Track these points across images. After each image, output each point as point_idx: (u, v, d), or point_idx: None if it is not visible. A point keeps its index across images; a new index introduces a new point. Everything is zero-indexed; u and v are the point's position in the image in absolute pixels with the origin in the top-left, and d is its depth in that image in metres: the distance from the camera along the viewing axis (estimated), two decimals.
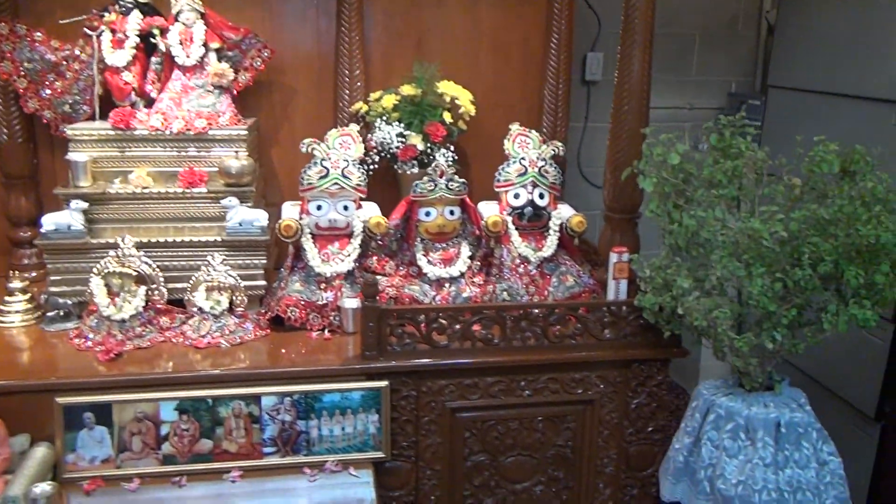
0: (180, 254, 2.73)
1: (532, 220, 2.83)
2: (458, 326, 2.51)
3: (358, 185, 2.74)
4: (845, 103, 3.16)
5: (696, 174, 2.31)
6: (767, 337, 2.15)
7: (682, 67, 3.92)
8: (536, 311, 2.54)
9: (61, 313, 2.69)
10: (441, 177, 2.75)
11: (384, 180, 3.18)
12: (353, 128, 2.82)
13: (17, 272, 2.81)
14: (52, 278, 2.70)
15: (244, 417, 2.41)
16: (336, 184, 2.70)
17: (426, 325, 2.49)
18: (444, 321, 2.50)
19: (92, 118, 2.86)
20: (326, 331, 2.67)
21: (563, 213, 2.88)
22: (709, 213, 2.19)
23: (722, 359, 2.33)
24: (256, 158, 3.11)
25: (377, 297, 2.46)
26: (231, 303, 2.67)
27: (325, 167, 2.70)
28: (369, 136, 3.03)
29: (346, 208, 2.74)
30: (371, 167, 3.02)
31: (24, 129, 2.95)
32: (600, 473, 2.70)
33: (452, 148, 3.02)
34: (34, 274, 2.99)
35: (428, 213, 2.79)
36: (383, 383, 2.46)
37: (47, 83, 2.82)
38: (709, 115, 3.90)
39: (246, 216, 2.70)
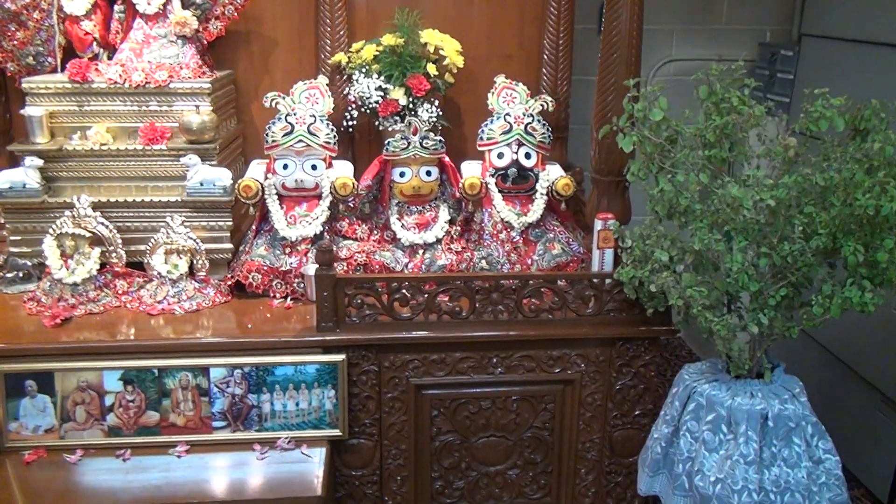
0: (142, 214, 2.59)
1: (517, 183, 2.59)
2: (422, 298, 2.30)
3: (326, 142, 2.54)
4: (886, 53, 2.79)
5: (683, 132, 2.03)
6: (752, 319, 1.88)
7: (710, 16, 3.58)
8: (508, 282, 2.31)
9: (20, 275, 2.58)
10: (415, 134, 2.54)
11: (368, 138, 2.99)
12: (322, 80, 2.61)
13: None
14: (12, 238, 2.60)
15: (192, 389, 2.27)
16: (301, 141, 2.51)
17: (388, 295, 2.29)
18: (406, 292, 2.30)
19: (56, 71, 2.71)
20: (289, 299, 2.50)
21: (552, 174, 2.63)
22: (690, 176, 1.92)
23: (709, 340, 2.07)
24: (233, 113, 2.95)
25: (332, 265, 2.26)
26: (192, 267, 2.52)
27: (290, 123, 2.51)
28: (349, 89, 2.82)
29: (314, 168, 2.54)
30: (350, 123, 2.82)
31: None
32: (582, 458, 2.49)
33: (438, 103, 2.79)
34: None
35: (402, 174, 2.58)
36: (340, 357, 2.28)
37: (8, 34, 2.68)
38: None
39: (207, 175, 2.53)
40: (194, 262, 2.52)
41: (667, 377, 3.20)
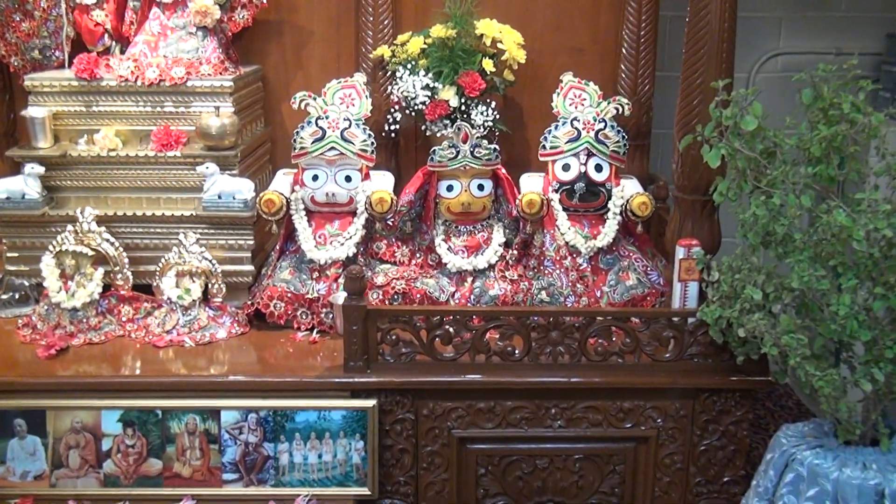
0: (152, 230, 2.62)
1: (585, 200, 2.54)
2: (468, 335, 2.26)
3: (362, 150, 2.53)
4: None
5: (782, 145, 1.94)
6: (865, 374, 1.77)
7: (827, 1, 3.44)
8: (570, 319, 2.25)
9: (17, 296, 2.63)
10: (465, 141, 2.50)
11: (415, 145, 2.98)
12: (359, 78, 2.60)
13: None
14: (9, 255, 2.65)
15: (200, 435, 2.26)
16: (333, 148, 2.50)
17: (427, 331, 2.25)
18: (450, 327, 2.26)
19: (63, 66, 2.77)
20: (315, 331, 2.49)
21: (628, 190, 2.57)
22: (790, 198, 1.83)
23: (813, 396, 1.97)
24: (261, 114, 2.97)
25: (363, 294, 2.24)
26: (207, 292, 2.53)
27: (321, 128, 2.52)
28: (392, 88, 2.81)
29: (348, 179, 2.54)
30: (393, 128, 2.81)
31: None
32: None
33: (495, 105, 2.76)
34: None
35: (450, 188, 2.55)
36: (370, 402, 2.25)
37: (13, 24, 2.75)
38: (864, 64, 3.42)
39: (226, 187, 2.55)
40: (209, 286, 2.53)
41: (769, 433, 3.08)
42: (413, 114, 2.79)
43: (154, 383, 2.28)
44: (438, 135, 2.75)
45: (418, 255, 2.64)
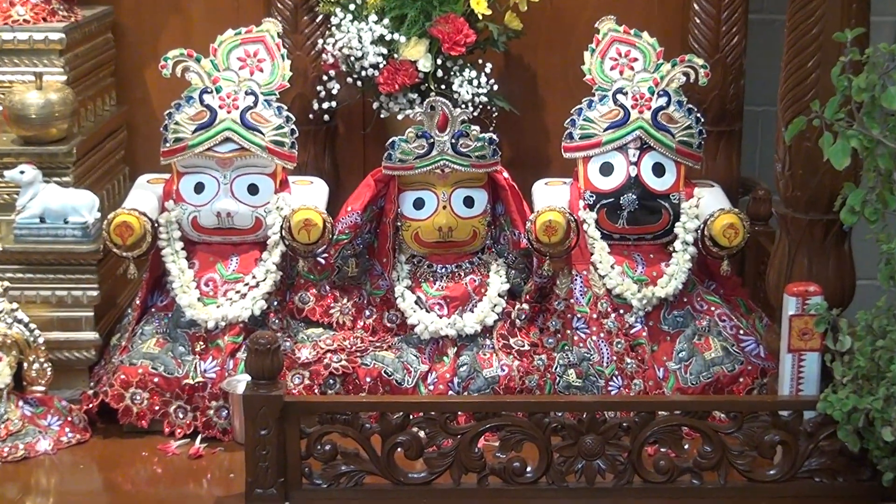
0: None
1: (638, 221, 2.63)
2: (449, 442, 2.31)
3: (276, 143, 2.60)
4: None
5: None
6: None
7: None
8: (616, 414, 2.32)
9: None
10: (443, 128, 2.56)
11: (361, 134, 3.08)
12: (270, 27, 2.68)
13: None
14: None
15: None
16: (229, 140, 2.58)
17: (382, 436, 2.30)
18: (420, 430, 2.31)
19: None
20: (199, 439, 2.54)
21: (706, 206, 2.64)
22: None
23: None
24: (110, 86, 3.04)
25: (277, 377, 2.29)
26: (21, 376, 2.57)
27: (210, 107, 2.59)
28: (325, 42, 2.89)
29: (253, 190, 2.61)
30: (327, 107, 2.88)
31: None
32: None
33: (491, 69, 2.85)
34: None
35: (420, 203, 2.63)
36: None
37: None
38: None
39: (53, 203, 2.60)
40: (25, 366, 2.57)
41: None
42: (360, 84, 2.86)
43: None
44: (400, 117, 2.83)
45: (368, 312, 2.69)
